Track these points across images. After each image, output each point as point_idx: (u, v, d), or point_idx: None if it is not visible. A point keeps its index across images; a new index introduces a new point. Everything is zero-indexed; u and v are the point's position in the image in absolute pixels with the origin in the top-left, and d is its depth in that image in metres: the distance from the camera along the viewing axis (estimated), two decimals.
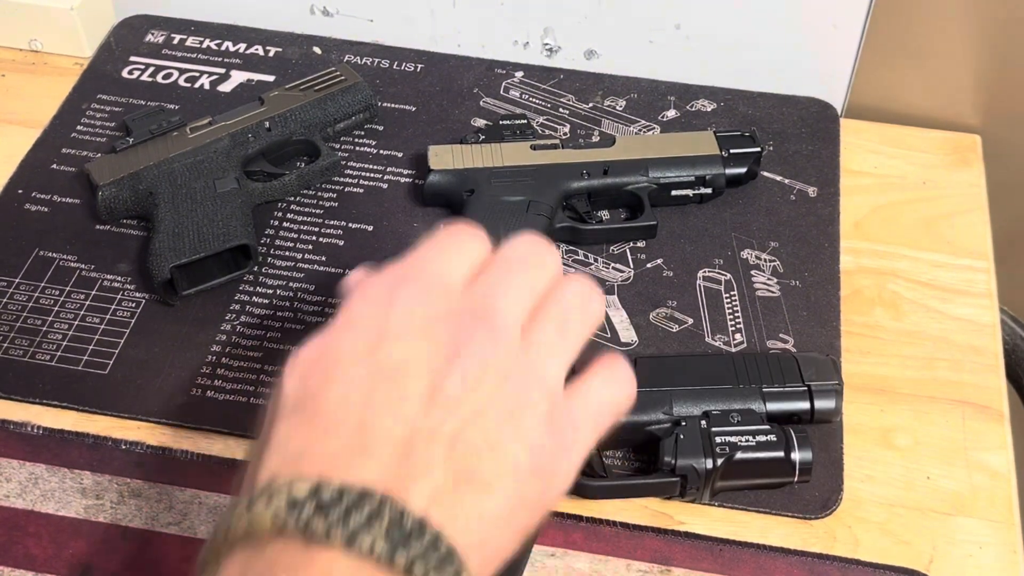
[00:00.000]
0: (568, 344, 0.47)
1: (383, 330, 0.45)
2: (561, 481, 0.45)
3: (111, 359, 0.69)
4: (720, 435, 0.61)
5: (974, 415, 0.68)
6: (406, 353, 0.44)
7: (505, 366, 0.45)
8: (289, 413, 0.44)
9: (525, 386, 0.45)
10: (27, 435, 0.65)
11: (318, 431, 0.43)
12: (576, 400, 0.47)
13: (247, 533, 0.40)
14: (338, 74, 0.82)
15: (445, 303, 0.46)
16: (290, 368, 0.45)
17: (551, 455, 0.45)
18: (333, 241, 0.76)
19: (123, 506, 0.62)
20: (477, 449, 0.43)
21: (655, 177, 0.76)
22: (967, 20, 0.81)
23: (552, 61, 0.89)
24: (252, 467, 0.44)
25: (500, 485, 0.43)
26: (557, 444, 0.45)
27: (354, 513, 0.39)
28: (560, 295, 0.48)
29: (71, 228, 0.76)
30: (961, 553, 0.62)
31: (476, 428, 0.43)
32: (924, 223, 0.78)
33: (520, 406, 0.44)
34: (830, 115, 0.85)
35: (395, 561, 0.39)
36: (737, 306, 0.72)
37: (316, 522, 0.39)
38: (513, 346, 0.45)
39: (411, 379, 0.43)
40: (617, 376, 0.48)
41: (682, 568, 0.60)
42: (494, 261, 0.48)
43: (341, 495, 0.40)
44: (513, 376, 0.44)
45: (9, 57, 0.89)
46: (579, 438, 0.46)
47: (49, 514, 0.62)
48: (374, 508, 0.40)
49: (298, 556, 0.39)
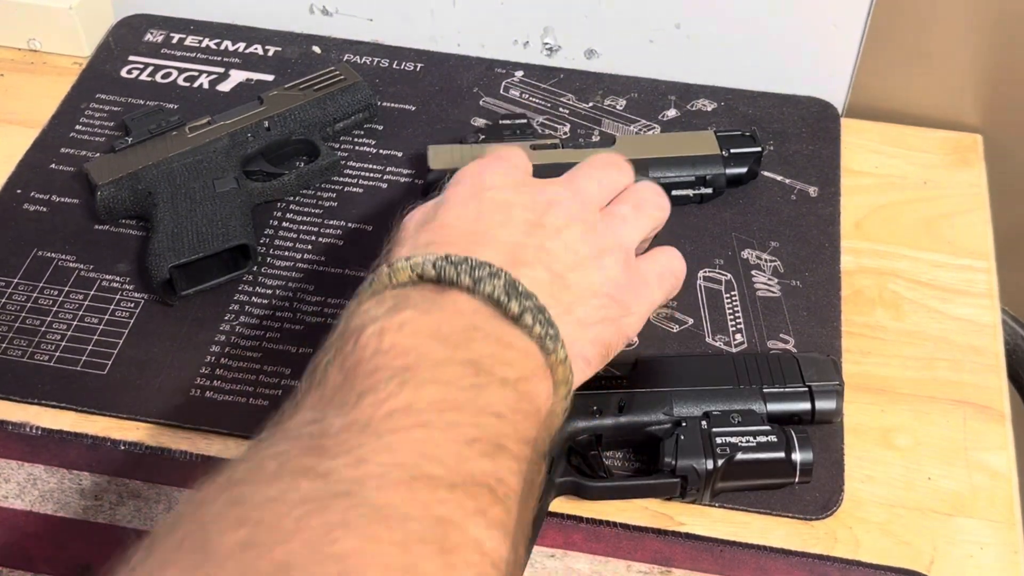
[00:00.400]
0: (642, 220, 0.58)
1: (484, 184, 0.55)
2: (634, 317, 0.56)
3: (110, 359, 0.69)
4: (721, 436, 0.61)
5: (975, 415, 0.67)
6: (509, 197, 0.54)
7: (590, 221, 0.55)
8: (413, 228, 0.53)
9: (604, 238, 0.55)
10: (26, 436, 0.65)
11: (442, 231, 0.52)
12: (645, 260, 0.58)
13: (388, 283, 0.49)
14: (338, 74, 0.82)
15: (531, 176, 0.58)
16: (410, 213, 0.55)
17: (626, 290, 0.55)
18: (333, 241, 0.75)
19: (122, 507, 0.62)
20: (568, 265, 0.53)
21: (655, 177, 0.76)
22: (968, 19, 0.81)
23: (552, 61, 0.89)
24: (379, 262, 0.52)
25: (586, 296, 0.53)
26: (631, 284, 0.55)
27: (478, 269, 0.48)
28: (635, 188, 0.60)
29: (70, 228, 0.76)
30: (962, 554, 0.61)
31: (567, 251, 0.53)
32: (925, 223, 0.78)
33: (601, 249, 0.55)
34: (830, 115, 0.85)
35: (510, 307, 0.48)
36: (737, 306, 0.72)
37: (448, 270, 0.48)
38: (595, 211, 0.56)
39: (515, 212, 0.53)
40: (676, 255, 0.60)
41: (682, 569, 0.60)
42: (578, 165, 0.60)
43: (467, 259, 0.49)
44: (596, 230, 0.55)
45: (8, 56, 0.89)
46: (648, 287, 0.57)
47: (48, 515, 0.62)
48: (494, 271, 0.48)
49: (433, 295, 0.48)
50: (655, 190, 0.60)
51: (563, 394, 0.50)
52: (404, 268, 0.49)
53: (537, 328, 0.48)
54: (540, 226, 0.53)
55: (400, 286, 0.49)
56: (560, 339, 0.49)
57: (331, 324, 0.71)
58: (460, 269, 0.48)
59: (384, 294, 0.48)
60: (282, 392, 0.67)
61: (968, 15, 0.81)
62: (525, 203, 0.54)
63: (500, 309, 0.48)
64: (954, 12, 0.81)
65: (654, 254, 0.59)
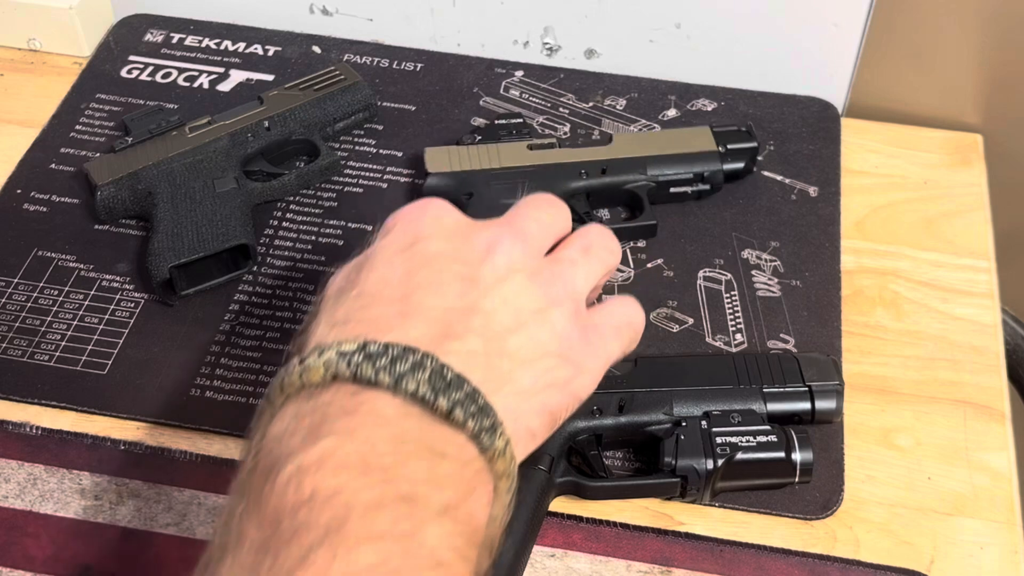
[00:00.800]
0: (592, 265, 0.52)
1: (418, 233, 0.49)
2: (587, 376, 0.50)
3: (110, 359, 0.69)
4: (721, 435, 0.61)
5: (975, 415, 0.67)
6: (441, 248, 0.48)
7: (533, 267, 0.49)
8: (333, 296, 0.48)
9: (550, 287, 0.49)
10: (26, 435, 0.65)
11: (362, 303, 0.46)
12: (597, 311, 0.52)
13: (301, 384, 0.43)
14: (338, 73, 0.82)
15: (469, 218, 0.51)
16: (332, 277, 0.50)
17: (577, 346, 0.49)
18: (332, 241, 0.75)
19: (122, 506, 0.62)
20: (507, 327, 0.47)
21: (653, 175, 0.76)
22: (969, 19, 0.81)
23: (552, 60, 0.89)
24: (298, 344, 0.47)
25: (530, 360, 0.47)
26: (582, 338, 0.49)
27: (399, 362, 0.43)
28: (583, 231, 0.54)
29: (70, 228, 0.76)
30: (962, 554, 0.61)
31: (507, 310, 0.47)
32: (925, 223, 0.78)
33: (547, 301, 0.49)
34: (831, 114, 0.85)
35: (437, 404, 0.42)
36: (738, 306, 0.72)
37: (364, 368, 0.42)
38: (538, 256, 0.50)
39: (446, 266, 0.48)
40: (631, 303, 0.54)
41: (682, 569, 0.60)
42: (515, 205, 0.53)
43: (387, 348, 0.43)
44: (540, 277, 0.49)
45: (8, 56, 0.89)
46: (603, 341, 0.51)
47: (48, 515, 0.62)
48: (417, 360, 0.43)
49: (348, 399, 0.42)
50: (605, 233, 0.54)
51: (505, 487, 0.45)
52: (316, 367, 0.43)
53: (470, 424, 0.43)
54: (475, 282, 0.47)
55: (313, 387, 0.43)
56: (498, 428, 0.44)
57: None
58: (379, 365, 0.42)
59: (299, 403, 0.43)
60: None
61: (968, 15, 0.81)
62: (458, 253, 0.48)
63: (427, 407, 0.42)
64: (954, 12, 0.81)
65: (609, 304, 0.53)
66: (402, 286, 0.47)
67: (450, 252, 0.48)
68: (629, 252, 0.75)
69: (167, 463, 0.64)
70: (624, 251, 0.75)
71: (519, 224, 0.51)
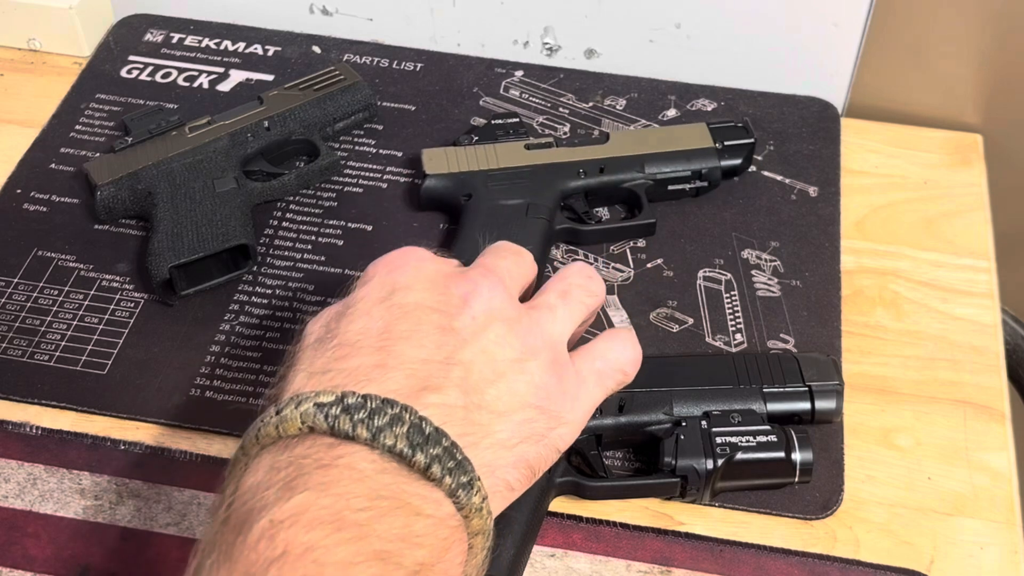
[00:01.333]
0: (570, 309, 0.52)
1: (396, 283, 0.49)
2: (567, 426, 0.49)
3: (110, 359, 0.69)
4: (720, 435, 0.61)
5: (975, 415, 0.67)
6: (420, 299, 0.48)
7: (510, 316, 0.49)
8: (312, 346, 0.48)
9: (529, 335, 0.49)
10: (25, 435, 0.65)
11: (341, 353, 0.46)
12: (581, 356, 0.51)
13: (277, 435, 0.43)
14: (337, 73, 0.82)
15: (448, 266, 0.51)
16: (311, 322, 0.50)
17: (556, 396, 0.49)
18: (332, 241, 0.75)
19: (122, 506, 0.62)
20: (486, 378, 0.46)
21: (651, 173, 0.76)
22: (969, 19, 0.81)
23: (552, 60, 0.89)
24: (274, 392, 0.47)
25: (508, 412, 0.46)
26: (561, 388, 0.49)
27: (377, 416, 0.42)
28: (561, 274, 0.53)
29: (70, 228, 0.76)
30: (962, 554, 0.61)
31: (485, 360, 0.47)
32: (925, 223, 0.78)
33: (524, 350, 0.48)
34: (831, 114, 0.85)
35: (415, 459, 0.42)
36: (737, 306, 0.72)
37: (342, 421, 0.42)
38: (517, 305, 0.50)
39: (425, 316, 0.47)
40: (622, 341, 0.53)
41: (682, 569, 0.60)
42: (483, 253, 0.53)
43: (366, 400, 0.42)
44: (518, 326, 0.49)
45: (8, 56, 0.89)
46: (584, 388, 0.51)
47: (48, 515, 0.62)
48: (396, 413, 0.42)
49: (325, 452, 0.42)
50: (585, 272, 0.54)
51: (481, 545, 0.44)
52: (293, 419, 0.42)
53: (448, 480, 0.42)
54: (453, 332, 0.47)
55: (289, 438, 0.43)
56: (475, 484, 0.43)
57: None
58: (356, 418, 0.42)
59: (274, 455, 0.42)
60: None
61: (968, 15, 0.81)
62: (437, 303, 0.48)
63: (405, 463, 0.42)
64: (954, 12, 0.81)
65: (594, 345, 0.53)
66: (381, 337, 0.46)
67: (429, 302, 0.48)
68: (629, 252, 0.75)
69: (167, 463, 0.64)
70: (624, 251, 0.75)
71: (495, 272, 0.51)
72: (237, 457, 0.44)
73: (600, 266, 0.74)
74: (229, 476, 0.44)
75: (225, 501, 0.42)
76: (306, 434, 0.43)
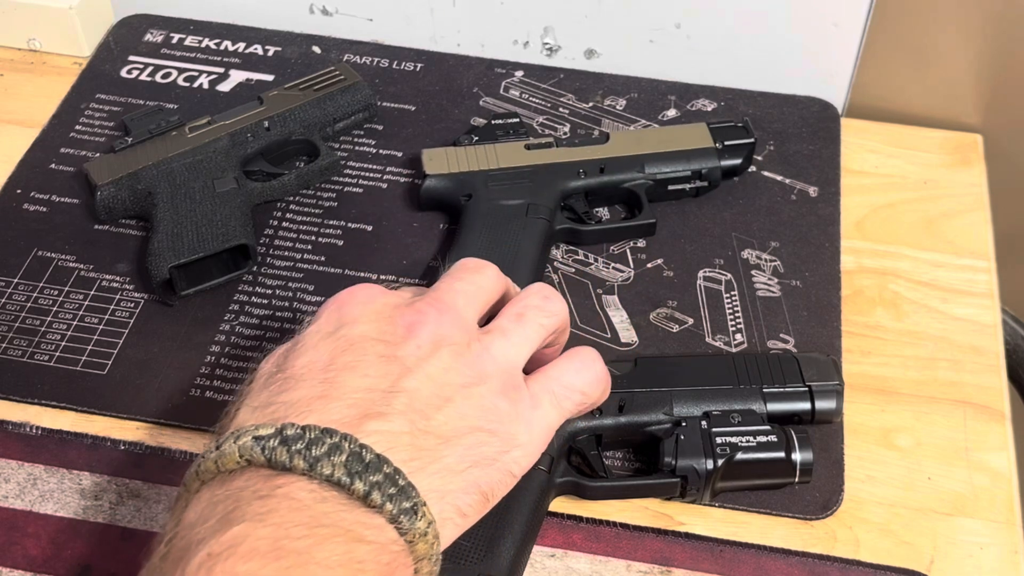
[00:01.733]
0: (525, 332, 0.51)
1: (343, 318, 0.49)
2: (521, 448, 0.48)
3: (110, 359, 0.69)
4: (720, 435, 0.61)
5: (975, 415, 0.67)
6: (365, 331, 0.48)
7: (458, 342, 0.49)
8: (259, 384, 0.48)
9: (478, 360, 0.48)
10: (25, 435, 0.65)
11: (286, 387, 0.46)
12: (536, 379, 0.51)
13: (216, 470, 0.43)
14: (337, 73, 0.82)
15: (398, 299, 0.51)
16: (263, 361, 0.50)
17: (508, 420, 0.48)
18: (332, 241, 0.75)
19: (122, 507, 0.62)
20: (432, 404, 0.46)
21: (651, 173, 0.76)
22: (969, 19, 0.81)
23: (552, 60, 0.89)
24: (219, 428, 0.48)
25: (457, 436, 0.46)
26: (514, 411, 0.48)
27: (315, 446, 0.42)
28: (517, 297, 0.53)
29: (70, 228, 0.76)
30: (962, 554, 0.61)
31: (431, 386, 0.47)
32: (925, 223, 0.78)
33: (474, 376, 0.48)
34: (831, 114, 0.85)
35: (353, 487, 0.42)
36: (737, 306, 0.72)
37: (280, 452, 0.42)
38: (468, 329, 0.50)
39: (369, 347, 0.47)
40: (581, 362, 0.53)
41: (682, 569, 0.60)
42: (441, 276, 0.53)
43: (304, 431, 0.43)
44: (467, 352, 0.48)
45: (8, 56, 0.89)
46: (539, 411, 0.50)
47: (48, 515, 0.62)
48: (335, 442, 0.42)
49: (262, 484, 0.42)
50: (543, 293, 0.53)
51: (427, 570, 0.44)
52: (232, 452, 0.43)
53: (388, 506, 0.42)
54: (397, 360, 0.47)
55: (228, 472, 0.43)
56: (420, 510, 0.43)
57: None
58: (293, 450, 0.42)
59: (213, 489, 0.43)
60: None
61: (968, 15, 0.81)
62: (382, 334, 0.48)
63: (344, 491, 0.42)
64: (954, 12, 0.81)
65: (551, 367, 0.52)
66: (326, 369, 0.46)
67: (374, 333, 0.48)
68: (629, 252, 0.75)
69: (167, 463, 0.64)
70: (624, 251, 0.75)
71: (444, 299, 0.50)
72: (180, 494, 0.45)
73: (600, 266, 0.74)
74: (171, 514, 0.44)
75: (166, 537, 0.42)
76: (245, 467, 0.43)
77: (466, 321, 0.50)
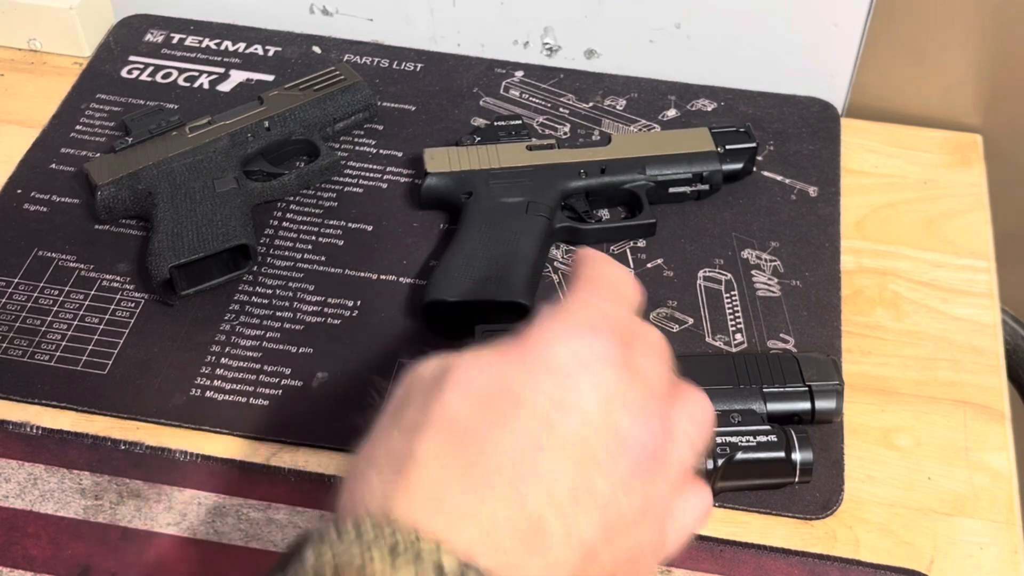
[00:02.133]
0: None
1: (561, 383, 0.38)
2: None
3: (110, 359, 0.69)
4: (721, 435, 0.61)
5: (975, 415, 0.67)
6: (583, 432, 0.38)
7: (657, 507, 0.40)
8: (443, 436, 0.37)
9: (659, 524, 0.41)
10: (26, 435, 0.65)
11: (476, 487, 0.36)
12: (671, 521, 0.42)
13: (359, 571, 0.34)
14: (338, 73, 0.82)
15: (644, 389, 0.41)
16: (458, 379, 0.38)
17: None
18: (332, 241, 0.75)
19: (122, 506, 0.62)
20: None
21: (652, 175, 0.76)
22: (968, 19, 0.81)
23: (552, 61, 0.89)
24: (360, 458, 0.38)
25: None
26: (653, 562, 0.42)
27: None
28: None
29: (70, 228, 0.76)
30: (962, 554, 0.61)
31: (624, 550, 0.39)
32: (925, 223, 0.78)
33: (651, 547, 0.41)
34: (831, 115, 0.85)
35: None
36: (737, 306, 0.72)
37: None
38: (671, 491, 0.41)
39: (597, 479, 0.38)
40: (701, 500, 0.44)
41: (682, 569, 0.60)
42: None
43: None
44: (651, 512, 0.40)
45: (8, 57, 0.89)
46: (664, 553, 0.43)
47: (48, 514, 0.62)
48: None
49: None
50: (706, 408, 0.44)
51: None
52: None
53: None
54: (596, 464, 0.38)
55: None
56: None
57: (331, 324, 0.71)
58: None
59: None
60: (282, 392, 0.67)
61: (968, 15, 0.81)
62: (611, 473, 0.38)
63: None
64: (954, 12, 0.81)
65: (682, 510, 0.43)
66: (520, 479, 0.36)
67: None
68: (629, 252, 0.75)
69: (167, 463, 0.64)
70: (624, 251, 0.75)
71: (670, 450, 0.41)
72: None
73: None
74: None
75: None
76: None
77: (677, 477, 0.42)
